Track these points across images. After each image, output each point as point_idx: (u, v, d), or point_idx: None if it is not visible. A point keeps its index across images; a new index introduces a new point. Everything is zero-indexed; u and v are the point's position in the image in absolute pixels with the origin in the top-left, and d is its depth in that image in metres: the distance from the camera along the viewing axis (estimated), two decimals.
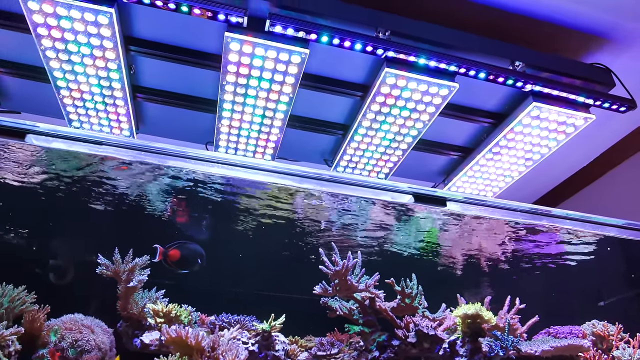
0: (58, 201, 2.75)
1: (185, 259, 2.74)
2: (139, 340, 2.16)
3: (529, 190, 4.23)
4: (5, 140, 1.93)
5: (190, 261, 2.75)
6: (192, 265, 2.75)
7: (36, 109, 3.22)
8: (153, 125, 3.25)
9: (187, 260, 2.74)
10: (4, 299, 2.21)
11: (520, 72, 2.76)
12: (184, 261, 2.73)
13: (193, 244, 2.80)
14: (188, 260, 2.74)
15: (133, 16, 2.60)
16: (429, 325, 2.28)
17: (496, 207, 2.42)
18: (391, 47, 2.58)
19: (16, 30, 2.66)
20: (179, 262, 2.72)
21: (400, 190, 2.22)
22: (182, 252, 2.72)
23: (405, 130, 3.04)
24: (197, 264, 2.75)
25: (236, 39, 2.49)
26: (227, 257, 2.94)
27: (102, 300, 2.74)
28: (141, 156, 1.96)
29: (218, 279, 2.96)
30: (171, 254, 2.67)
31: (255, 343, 2.17)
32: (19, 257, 2.83)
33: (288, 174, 2.13)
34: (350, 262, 2.26)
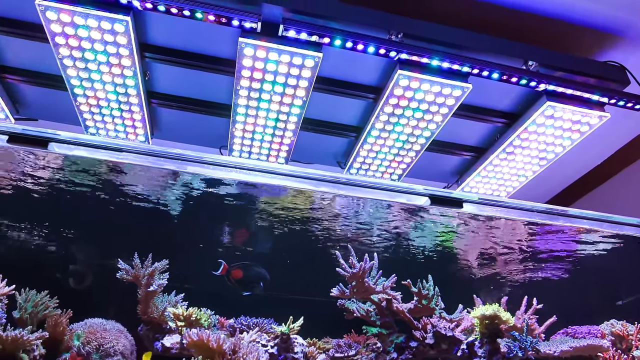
0: (77, 206, 2.79)
1: (247, 279, 2.76)
2: (160, 343, 2.19)
3: (542, 190, 4.21)
4: (28, 149, 1.97)
5: (252, 283, 2.77)
6: (253, 287, 2.77)
7: (53, 116, 3.27)
8: (167, 130, 3.29)
9: (249, 282, 2.76)
10: (28, 304, 2.25)
11: (533, 72, 2.76)
12: (246, 282, 2.75)
13: (259, 267, 2.81)
14: (250, 282, 2.76)
15: (148, 23, 2.64)
16: (447, 327, 2.28)
17: (512, 208, 2.42)
18: (404, 49, 2.59)
19: (34, 39, 2.71)
20: (241, 282, 2.74)
21: (416, 192, 2.23)
22: (245, 272, 2.75)
23: (419, 132, 3.05)
24: (259, 288, 2.76)
25: (250, 44, 2.51)
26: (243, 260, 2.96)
27: (120, 305, 2.78)
28: (160, 162, 1.99)
29: None
30: (234, 273, 2.71)
31: (275, 346, 2.19)
32: (39, 261, 2.88)
33: (305, 177, 2.15)
34: (367, 264, 2.27)
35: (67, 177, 2.46)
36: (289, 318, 2.38)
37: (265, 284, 2.76)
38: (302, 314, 2.45)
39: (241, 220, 2.92)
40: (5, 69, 2.91)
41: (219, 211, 2.84)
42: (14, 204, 2.73)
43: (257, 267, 2.82)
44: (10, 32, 2.69)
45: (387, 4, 2.72)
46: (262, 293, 2.72)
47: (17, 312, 2.23)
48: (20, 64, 2.92)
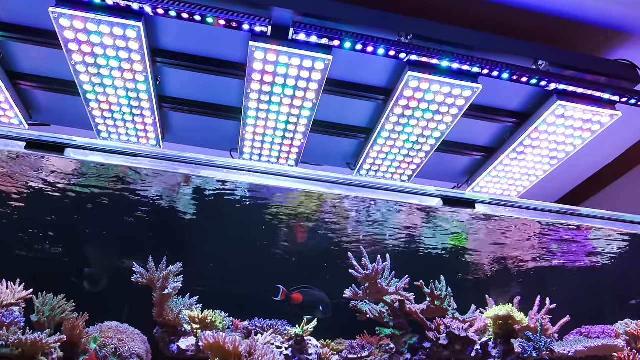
0: (92, 211, 2.82)
1: (307, 303, 2.76)
2: (175, 346, 2.21)
3: (552, 189, 4.19)
4: (44, 154, 1.99)
5: (313, 307, 2.76)
6: (314, 311, 2.75)
7: (65, 121, 3.30)
8: (178, 134, 3.31)
9: (309, 306, 2.76)
10: (45, 308, 2.29)
11: (543, 71, 2.75)
12: (306, 306, 2.76)
13: (319, 291, 2.82)
14: (310, 306, 2.76)
15: (159, 28, 2.66)
16: (460, 327, 2.28)
17: (524, 208, 2.42)
18: (414, 50, 2.60)
19: (46, 46, 2.74)
20: (301, 306, 2.75)
21: (428, 194, 2.23)
22: (305, 297, 2.76)
23: (429, 133, 3.05)
24: (320, 312, 2.74)
25: (260, 47, 2.53)
26: (255, 262, 2.97)
27: (134, 307, 2.81)
28: (174, 167, 2.01)
29: (247, 283, 3.00)
30: (294, 297, 2.72)
31: (289, 347, 2.21)
32: (54, 265, 2.92)
33: (318, 180, 2.17)
34: (380, 266, 2.28)
35: (82, 182, 2.49)
36: (300, 319, 2.40)
37: (325, 308, 2.76)
38: None
39: (252, 221, 2.94)
40: (19, 76, 2.95)
41: (230, 213, 2.86)
42: (30, 209, 2.77)
43: (316, 291, 2.83)
44: (23, 39, 2.72)
45: (396, 6, 2.72)
46: (323, 317, 2.72)
47: (34, 315, 2.27)
48: (34, 70, 2.95)
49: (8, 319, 1.99)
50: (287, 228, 2.98)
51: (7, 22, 2.66)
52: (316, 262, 3.23)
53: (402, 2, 2.76)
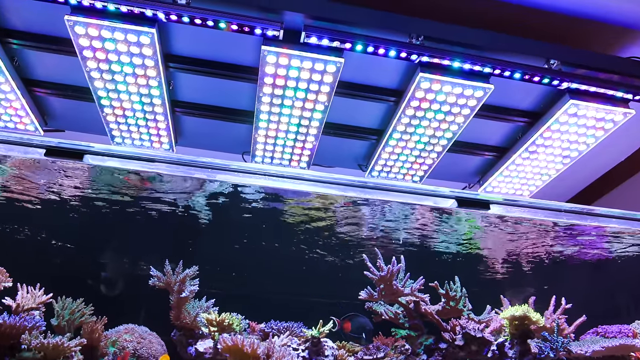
0: (108, 215, 2.85)
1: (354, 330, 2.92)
2: (193, 348, 2.23)
3: (565, 187, 4.16)
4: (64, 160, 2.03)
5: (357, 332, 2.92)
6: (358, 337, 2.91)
7: (79, 127, 3.34)
8: (191, 138, 3.34)
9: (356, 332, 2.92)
10: (65, 312, 2.32)
11: (555, 70, 2.74)
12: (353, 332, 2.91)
13: (363, 318, 2.94)
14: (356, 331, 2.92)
15: (172, 34, 2.69)
16: (476, 328, 2.28)
17: (539, 208, 2.41)
18: (425, 52, 2.60)
19: (61, 53, 2.78)
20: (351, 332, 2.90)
21: (443, 195, 2.24)
22: (353, 324, 2.93)
23: (440, 133, 3.05)
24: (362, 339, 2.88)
25: (272, 51, 2.55)
26: (269, 264, 2.99)
27: (151, 310, 2.84)
28: (191, 171, 2.03)
29: (262, 286, 3.02)
30: (345, 326, 2.88)
31: (306, 349, 2.22)
32: (71, 269, 2.95)
33: (332, 182, 2.18)
34: (395, 267, 2.29)
35: (98, 187, 2.52)
36: (315, 321, 2.41)
37: (367, 335, 2.89)
38: (328, 317, 2.48)
39: (266, 224, 2.96)
40: (34, 83, 2.99)
41: (244, 216, 2.88)
42: (47, 215, 2.80)
43: (360, 317, 2.96)
44: (38, 47, 2.77)
45: (406, 7, 2.73)
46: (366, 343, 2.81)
47: (54, 319, 2.31)
48: (49, 77, 2.99)
49: (30, 323, 2.03)
50: (300, 230, 2.99)
51: (23, 30, 2.70)
52: (329, 263, 3.24)
53: (412, 4, 2.77)
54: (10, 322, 1.99)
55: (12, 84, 2.83)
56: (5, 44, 2.72)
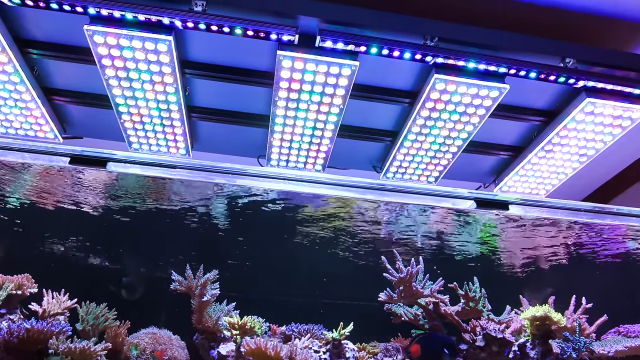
0: (128, 221, 2.89)
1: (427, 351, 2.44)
2: (215, 352, 2.25)
3: (581, 185, 4.13)
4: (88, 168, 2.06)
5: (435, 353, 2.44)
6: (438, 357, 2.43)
7: (97, 134, 3.38)
8: (206, 142, 3.37)
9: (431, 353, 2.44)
10: (89, 316, 2.36)
11: (571, 69, 2.73)
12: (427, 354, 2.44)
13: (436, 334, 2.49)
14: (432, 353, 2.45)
15: (188, 41, 2.72)
16: (497, 328, 2.28)
17: (558, 208, 2.40)
18: (440, 53, 2.61)
19: (79, 62, 2.83)
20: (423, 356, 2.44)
21: (461, 196, 2.24)
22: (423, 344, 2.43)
23: (455, 134, 3.05)
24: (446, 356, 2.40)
25: (288, 56, 2.57)
26: (288, 267, 3.01)
27: (171, 314, 2.87)
28: (211, 177, 2.05)
29: (280, 288, 3.04)
30: (412, 350, 2.42)
31: (327, 351, 2.24)
32: (93, 275, 3.00)
33: (351, 185, 2.19)
34: (414, 269, 2.30)
35: (119, 193, 2.56)
36: (334, 323, 2.43)
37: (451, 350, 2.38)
38: (347, 318, 2.49)
39: (285, 226, 2.98)
40: (53, 91, 3.05)
41: (263, 219, 2.90)
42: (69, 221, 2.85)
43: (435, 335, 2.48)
44: (57, 57, 2.82)
45: (420, 9, 2.73)
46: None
47: (79, 324, 2.35)
48: (67, 85, 3.04)
49: (56, 328, 2.07)
50: (318, 232, 3.01)
51: (42, 40, 2.76)
52: (348, 266, 3.25)
53: (426, 5, 2.77)
54: (38, 327, 2.03)
55: (33, 93, 2.89)
56: (25, 54, 2.77)
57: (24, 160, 2.07)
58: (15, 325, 2.02)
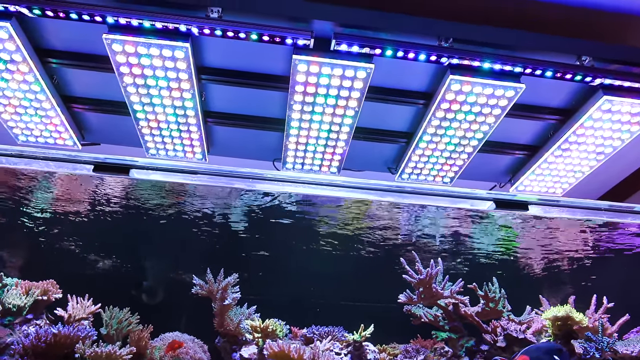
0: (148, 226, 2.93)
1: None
2: (238, 354, 2.28)
3: (598, 182, 4.09)
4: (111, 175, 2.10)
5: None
6: None
7: (114, 140, 3.42)
8: (222, 147, 3.39)
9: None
10: (113, 321, 2.40)
11: (588, 67, 2.71)
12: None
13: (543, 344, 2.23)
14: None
15: (204, 47, 2.75)
16: (518, 329, 2.28)
17: (577, 207, 2.39)
18: (455, 54, 2.61)
19: (97, 70, 2.87)
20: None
21: (480, 197, 2.24)
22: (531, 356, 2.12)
23: (471, 134, 3.05)
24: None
25: (304, 60, 2.59)
26: (305, 269, 3.03)
27: (191, 318, 2.90)
28: (231, 181, 2.08)
29: (299, 290, 3.06)
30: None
31: (348, 353, 2.25)
32: (114, 279, 3.04)
33: (370, 188, 2.20)
34: (433, 270, 2.30)
35: (141, 199, 2.60)
36: (352, 325, 2.44)
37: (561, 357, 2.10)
38: (366, 320, 2.50)
39: (303, 229, 3.00)
40: (72, 99, 3.09)
41: (281, 222, 2.92)
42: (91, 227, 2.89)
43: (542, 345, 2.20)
44: (76, 65, 2.87)
45: (434, 11, 2.74)
46: None
47: (103, 328, 2.38)
48: (86, 93, 3.09)
49: (82, 332, 2.10)
50: (336, 234, 3.02)
51: (61, 49, 2.80)
52: (366, 267, 3.26)
53: (440, 6, 2.77)
54: (65, 332, 2.08)
55: (52, 101, 2.94)
56: (45, 63, 2.82)
57: (48, 169, 2.11)
58: (42, 330, 2.06)
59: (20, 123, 3.09)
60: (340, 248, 3.18)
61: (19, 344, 2.04)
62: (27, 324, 2.25)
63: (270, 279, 3.00)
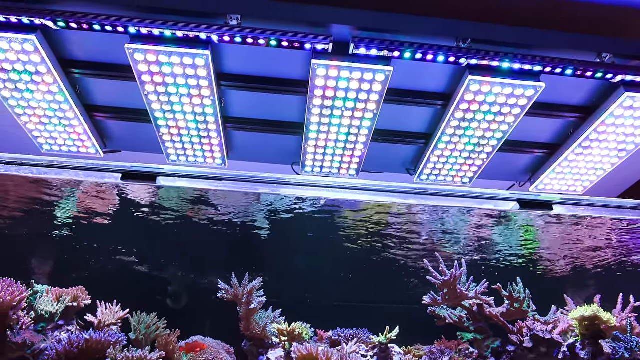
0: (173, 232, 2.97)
1: None
2: (265, 358, 2.30)
3: (621, 179, 4.04)
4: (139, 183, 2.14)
5: None
6: None
7: (134, 147, 3.47)
8: (241, 151, 3.42)
9: None
10: (141, 326, 2.44)
11: (608, 64, 2.69)
12: None
13: None
14: None
15: (223, 54, 2.79)
16: (544, 329, 2.27)
17: (603, 206, 2.37)
18: (474, 55, 2.60)
19: (119, 79, 2.92)
20: None
21: (503, 198, 2.24)
22: None
23: (490, 134, 3.04)
24: None
25: (322, 65, 2.61)
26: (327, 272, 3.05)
27: (216, 322, 2.93)
28: (256, 187, 2.10)
29: (320, 294, 3.07)
30: None
31: (374, 356, 2.26)
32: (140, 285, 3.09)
33: (394, 191, 2.21)
34: (458, 271, 2.30)
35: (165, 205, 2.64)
36: (375, 326, 2.45)
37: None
38: (388, 322, 2.51)
39: (326, 233, 3.01)
40: (94, 108, 3.15)
41: (304, 226, 2.94)
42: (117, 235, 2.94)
43: None
44: (99, 75, 2.92)
45: (451, 11, 2.73)
46: None
47: (132, 333, 2.42)
48: (107, 102, 3.14)
49: (113, 338, 2.14)
50: (357, 237, 3.03)
51: (84, 60, 2.86)
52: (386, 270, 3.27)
53: (457, 7, 2.77)
54: (96, 337, 2.12)
55: (76, 110, 2.99)
56: (68, 74, 2.87)
57: (77, 178, 2.15)
58: (74, 336, 2.10)
59: (45, 132, 3.16)
60: (361, 250, 3.19)
61: (53, 349, 2.09)
62: (59, 330, 2.30)
63: (292, 282, 3.02)
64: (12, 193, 2.75)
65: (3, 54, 2.61)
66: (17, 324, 2.21)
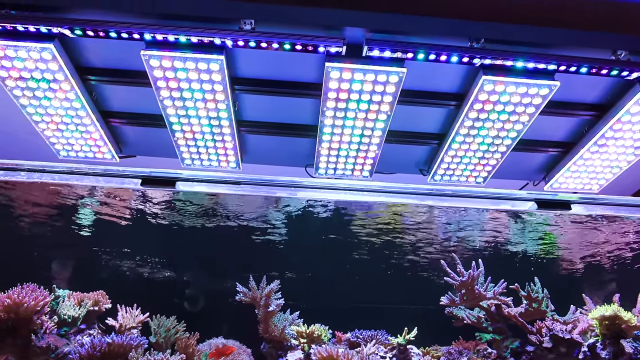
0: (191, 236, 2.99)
1: None
2: None
3: (633, 178, 4.01)
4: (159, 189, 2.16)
5: None
6: None
7: (149, 152, 3.50)
8: (255, 154, 3.44)
9: None
10: (161, 329, 2.47)
11: (624, 61, 2.67)
12: None
13: None
14: None
15: (237, 58, 2.81)
16: (564, 329, 2.26)
17: (622, 205, 2.36)
18: (487, 54, 2.60)
19: (134, 85, 2.95)
20: None
21: (520, 198, 2.23)
22: None
23: (504, 133, 3.03)
24: None
25: (336, 67, 2.62)
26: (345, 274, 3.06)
27: (235, 325, 2.95)
28: (273, 191, 2.12)
29: (337, 295, 3.08)
30: None
31: (393, 357, 2.26)
32: (158, 288, 3.12)
33: (411, 193, 2.22)
34: (475, 272, 2.30)
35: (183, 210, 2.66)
36: (395, 328, 2.45)
37: None
38: (405, 323, 2.51)
39: (342, 235, 3.02)
40: (110, 114, 3.19)
41: (320, 228, 2.95)
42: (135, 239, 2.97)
43: None
44: (114, 81, 2.95)
45: (465, 12, 2.73)
46: None
47: (152, 337, 2.45)
48: (122, 107, 3.18)
49: (135, 341, 2.17)
50: (377, 238, 3.04)
51: (100, 67, 2.89)
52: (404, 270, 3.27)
53: (470, 7, 2.76)
54: (118, 341, 2.14)
55: (92, 117, 3.03)
56: (85, 80, 2.91)
57: (98, 184, 2.18)
58: (97, 339, 2.13)
59: (62, 139, 3.20)
60: (377, 251, 3.20)
61: (76, 353, 2.12)
62: (81, 334, 2.33)
63: (308, 284, 3.03)
64: (32, 200, 2.79)
65: (21, 63, 2.65)
66: (41, 328, 2.25)
